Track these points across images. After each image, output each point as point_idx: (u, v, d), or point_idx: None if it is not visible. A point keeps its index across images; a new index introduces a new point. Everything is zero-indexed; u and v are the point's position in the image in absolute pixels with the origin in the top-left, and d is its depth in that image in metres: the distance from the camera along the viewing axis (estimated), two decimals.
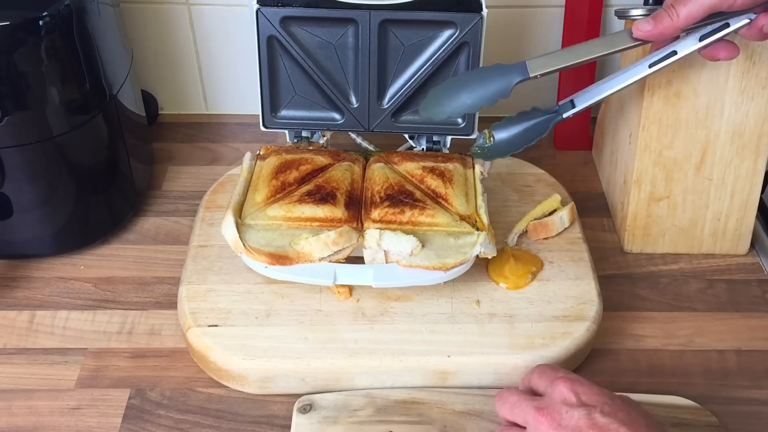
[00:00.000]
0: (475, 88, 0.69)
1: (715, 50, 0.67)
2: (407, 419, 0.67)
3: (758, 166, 0.81)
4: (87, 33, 0.76)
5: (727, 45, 0.66)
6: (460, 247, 0.72)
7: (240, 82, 1.03)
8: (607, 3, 0.96)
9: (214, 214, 0.84)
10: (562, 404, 0.56)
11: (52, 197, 0.80)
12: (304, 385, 0.70)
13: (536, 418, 0.56)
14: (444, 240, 0.73)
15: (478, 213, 0.75)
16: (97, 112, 0.80)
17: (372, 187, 0.77)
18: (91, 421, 0.69)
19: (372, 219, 0.74)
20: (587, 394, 0.57)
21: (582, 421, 0.54)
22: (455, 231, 0.74)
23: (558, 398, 0.57)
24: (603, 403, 0.56)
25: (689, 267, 0.85)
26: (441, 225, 0.74)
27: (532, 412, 0.57)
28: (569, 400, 0.56)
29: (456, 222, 0.74)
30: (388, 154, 0.82)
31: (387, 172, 0.79)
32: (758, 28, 0.65)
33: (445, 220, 0.74)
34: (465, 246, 0.72)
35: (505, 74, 0.69)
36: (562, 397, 0.57)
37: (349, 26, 0.79)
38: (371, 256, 0.72)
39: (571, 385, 0.57)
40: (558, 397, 0.57)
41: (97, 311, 0.79)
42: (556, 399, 0.57)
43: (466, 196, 0.77)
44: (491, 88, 0.68)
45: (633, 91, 0.82)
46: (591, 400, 0.56)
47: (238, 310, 0.73)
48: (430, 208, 0.74)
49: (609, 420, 0.54)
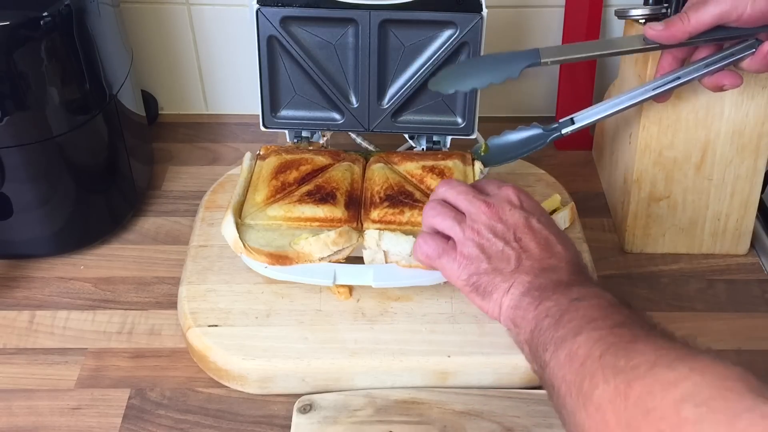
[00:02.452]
0: (487, 67, 0.72)
1: (720, 78, 0.70)
2: (407, 419, 0.67)
3: (758, 166, 0.81)
4: (87, 33, 0.76)
5: (732, 74, 0.70)
6: None
7: (240, 82, 1.03)
8: (607, 3, 0.96)
9: (214, 214, 0.84)
10: (507, 203, 0.63)
11: (52, 197, 0.80)
12: (304, 385, 0.70)
13: (480, 208, 0.63)
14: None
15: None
16: (97, 112, 0.80)
17: (372, 188, 0.77)
18: (91, 421, 0.69)
19: (371, 219, 0.74)
20: (528, 203, 0.64)
21: (520, 221, 0.62)
22: None
23: (504, 198, 0.64)
24: (540, 213, 0.64)
25: (689, 267, 0.85)
26: None
27: (478, 202, 0.63)
28: (513, 201, 0.64)
29: None
30: (388, 154, 0.82)
31: (387, 172, 0.79)
32: (763, 54, 0.68)
33: None
34: None
35: (517, 57, 0.71)
36: (508, 198, 0.64)
37: (349, 26, 0.78)
38: (371, 257, 0.72)
39: (517, 192, 0.65)
40: (504, 197, 0.64)
41: (97, 311, 0.79)
42: (502, 198, 0.64)
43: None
44: (502, 68, 0.71)
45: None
46: (531, 208, 0.64)
47: (238, 310, 0.73)
48: None
49: (542, 227, 0.62)
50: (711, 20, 0.66)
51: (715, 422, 0.41)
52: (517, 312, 0.58)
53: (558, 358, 0.52)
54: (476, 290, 0.62)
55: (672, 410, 0.43)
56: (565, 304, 0.55)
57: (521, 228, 0.62)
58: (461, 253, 0.62)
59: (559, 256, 0.61)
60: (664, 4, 0.78)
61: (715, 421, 0.41)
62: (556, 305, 0.56)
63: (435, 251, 0.64)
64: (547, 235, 0.62)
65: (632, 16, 0.79)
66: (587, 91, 1.00)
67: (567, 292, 0.57)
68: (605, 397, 0.47)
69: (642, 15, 0.78)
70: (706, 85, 0.72)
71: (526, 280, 0.59)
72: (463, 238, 0.63)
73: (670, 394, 0.44)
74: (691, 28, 0.66)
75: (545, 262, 0.60)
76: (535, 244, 0.61)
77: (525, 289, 0.59)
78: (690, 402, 0.43)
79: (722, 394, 0.42)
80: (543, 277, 0.59)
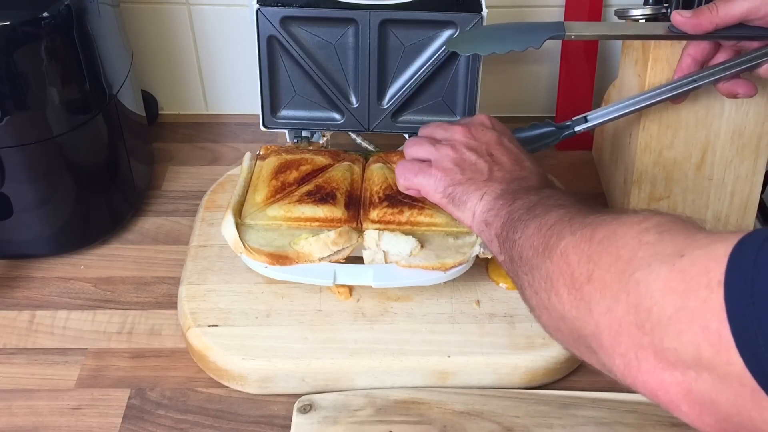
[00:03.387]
0: (509, 34, 0.73)
1: (735, 86, 0.71)
2: (407, 419, 0.67)
3: (758, 166, 0.81)
4: (87, 33, 0.76)
5: (747, 82, 0.71)
6: (460, 247, 0.72)
7: (240, 82, 1.03)
8: (607, 3, 0.96)
9: (214, 214, 0.84)
10: (480, 125, 0.70)
11: (52, 197, 0.80)
12: (304, 385, 0.70)
13: (455, 129, 0.69)
14: (443, 240, 0.73)
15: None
16: (97, 112, 0.79)
17: (371, 188, 0.77)
18: (91, 421, 0.69)
19: (371, 219, 0.74)
20: (500, 126, 0.71)
21: (493, 138, 0.68)
22: (454, 231, 0.74)
23: (477, 121, 0.70)
24: (510, 137, 0.70)
25: None
26: (440, 225, 0.74)
27: (453, 126, 0.70)
28: (486, 123, 0.70)
29: (455, 221, 0.74)
30: (387, 154, 0.82)
31: (386, 172, 0.79)
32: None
33: (443, 220, 0.74)
34: (464, 246, 0.72)
35: (542, 27, 0.72)
36: (481, 121, 0.70)
37: (349, 26, 0.78)
38: (370, 257, 0.72)
39: (490, 118, 0.71)
40: (478, 120, 0.70)
41: (97, 311, 0.79)
42: (475, 121, 0.70)
43: None
44: (525, 37, 0.72)
45: (633, 91, 0.82)
46: (501, 129, 0.70)
47: (238, 310, 0.73)
48: (428, 208, 0.74)
49: (513, 146, 0.68)
50: (739, 14, 0.67)
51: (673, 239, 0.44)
52: (490, 213, 0.62)
53: (527, 232, 0.55)
54: (452, 201, 0.66)
55: (634, 239, 0.45)
56: (536, 200, 0.59)
57: (493, 144, 0.67)
58: (437, 167, 0.67)
59: (529, 169, 0.66)
60: (664, 4, 0.78)
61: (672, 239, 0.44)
62: (528, 201, 0.60)
63: (412, 171, 0.69)
64: (517, 153, 0.67)
65: (632, 16, 0.79)
66: (587, 91, 1.00)
67: (538, 193, 0.61)
68: (570, 244, 0.50)
69: (642, 15, 0.78)
70: (721, 90, 0.72)
71: (499, 188, 0.64)
72: (439, 155, 0.68)
73: (633, 228, 0.46)
74: (719, 20, 0.67)
75: (516, 173, 0.65)
76: (506, 158, 0.66)
77: (497, 194, 0.63)
78: (653, 230, 0.45)
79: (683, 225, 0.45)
80: (515, 183, 0.64)
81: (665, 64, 0.77)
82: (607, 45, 1.00)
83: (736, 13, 0.67)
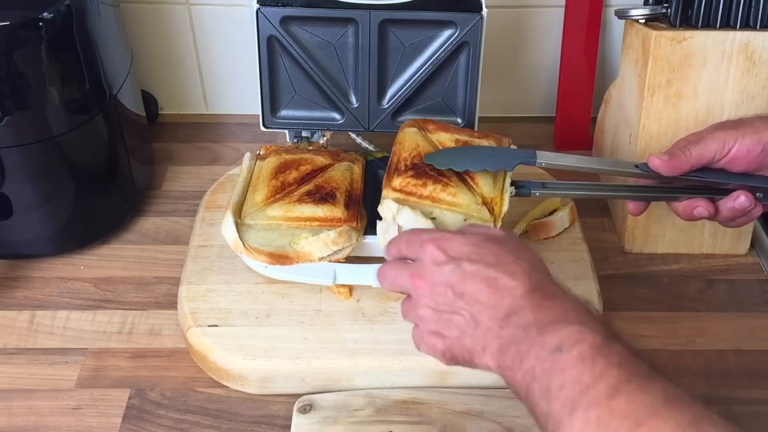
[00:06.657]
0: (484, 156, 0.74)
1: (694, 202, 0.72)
2: (407, 419, 0.67)
3: None
4: (87, 33, 0.76)
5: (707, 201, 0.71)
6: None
7: (240, 82, 1.03)
8: (607, 3, 0.96)
9: (214, 214, 0.84)
10: (433, 264, 0.58)
11: (52, 197, 0.80)
12: (304, 385, 0.70)
13: (413, 284, 0.58)
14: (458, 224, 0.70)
15: (503, 196, 0.72)
16: (97, 112, 0.80)
17: (400, 153, 0.75)
18: (91, 421, 0.69)
19: (392, 187, 0.72)
20: (454, 248, 0.58)
21: (453, 276, 0.56)
22: (474, 216, 0.71)
23: (428, 260, 0.58)
24: (469, 252, 0.57)
25: (689, 267, 0.85)
26: (460, 206, 0.71)
27: (409, 280, 0.59)
28: (438, 258, 0.58)
29: (476, 206, 0.71)
30: (425, 121, 0.79)
31: (419, 139, 0.76)
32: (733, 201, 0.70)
33: (465, 201, 0.71)
34: None
35: (514, 154, 0.74)
36: (432, 258, 0.58)
37: (349, 26, 0.79)
38: (384, 229, 0.70)
39: (438, 244, 0.58)
40: (428, 259, 0.58)
41: (97, 311, 0.79)
42: (426, 262, 0.58)
43: (494, 177, 0.73)
44: (498, 160, 0.72)
45: (633, 91, 0.82)
46: (458, 252, 0.58)
47: (238, 310, 0.73)
48: (453, 186, 0.71)
49: (477, 267, 0.56)
50: (709, 155, 0.69)
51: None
52: (506, 372, 0.55)
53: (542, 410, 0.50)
54: (458, 362, 0.58)
55: None
56: (548, 362, 0.51)
57: (457, 283, 0.56)
58: (423, 341, 0.59)
59: (510, 289, 0.55)
60: (664, 4, 0.78)
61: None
62: (539, 363, 0.52)
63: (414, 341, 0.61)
64: (486, 275, 0.56)
65: (632, 16, 0.79)
66: (587, 91, 1.00)
67: (542, 341, 0.52)
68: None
69: (642, 15, 0.78)
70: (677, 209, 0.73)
71: (494, 335, 0.55)
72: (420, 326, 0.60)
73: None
74: (693, 160, 0.69)
75: (501, 307, 0.55)
76: (480, 291, 0.56)
77: (499, 346, 0.55)
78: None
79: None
80: (509, 326, 0.54)
81: (665, 64, 0.77)
82: (607, 45, 1.00)
83: (706, 155, 0.69)
